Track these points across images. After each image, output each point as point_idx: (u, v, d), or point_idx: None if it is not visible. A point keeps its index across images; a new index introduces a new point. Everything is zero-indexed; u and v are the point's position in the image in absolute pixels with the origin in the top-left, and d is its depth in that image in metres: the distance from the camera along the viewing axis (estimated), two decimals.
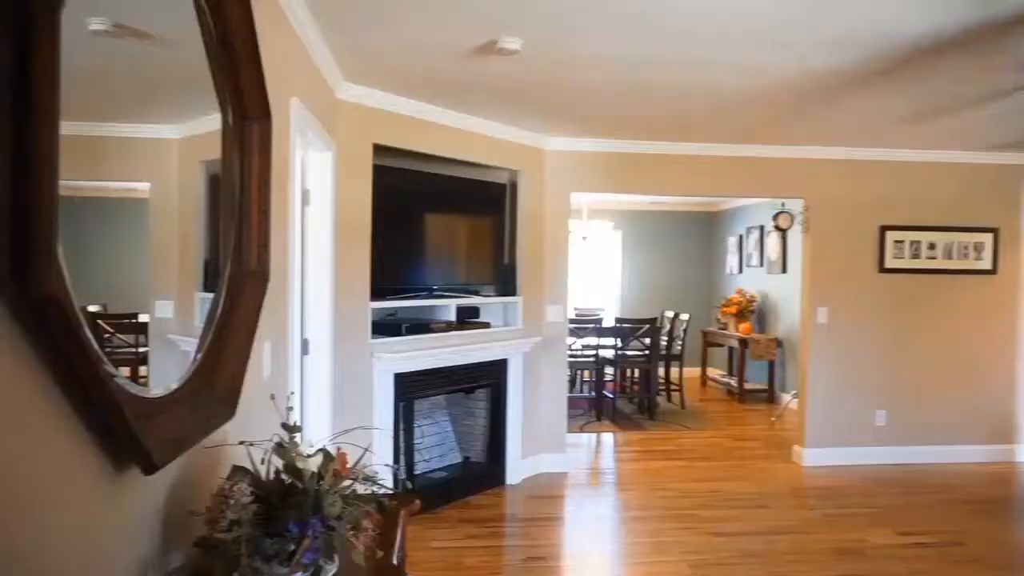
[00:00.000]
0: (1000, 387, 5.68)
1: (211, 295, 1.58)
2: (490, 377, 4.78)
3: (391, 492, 1.77)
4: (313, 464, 1.33)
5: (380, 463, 1.97)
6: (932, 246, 5.55)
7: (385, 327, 4.12)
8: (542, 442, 5.20)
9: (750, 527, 4.12)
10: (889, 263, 5.51)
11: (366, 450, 1.49)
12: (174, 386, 1.34)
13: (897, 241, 5.52)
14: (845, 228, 5.49)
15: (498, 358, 4.77)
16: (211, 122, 1.59)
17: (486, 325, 4.76)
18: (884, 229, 5.51)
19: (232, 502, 1.18)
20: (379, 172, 3.99)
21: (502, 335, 4.84)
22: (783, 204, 7.77)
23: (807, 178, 5.44)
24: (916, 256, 5.54)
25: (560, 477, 5.09)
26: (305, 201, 3.39)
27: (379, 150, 3.99)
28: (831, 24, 2.74)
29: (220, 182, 1.63)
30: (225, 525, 1.17)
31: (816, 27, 2.77)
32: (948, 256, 5.57)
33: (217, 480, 1.28)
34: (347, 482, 1.37)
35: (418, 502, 1.83)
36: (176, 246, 1.50)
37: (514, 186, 5.09)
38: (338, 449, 1.42)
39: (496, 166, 4.86)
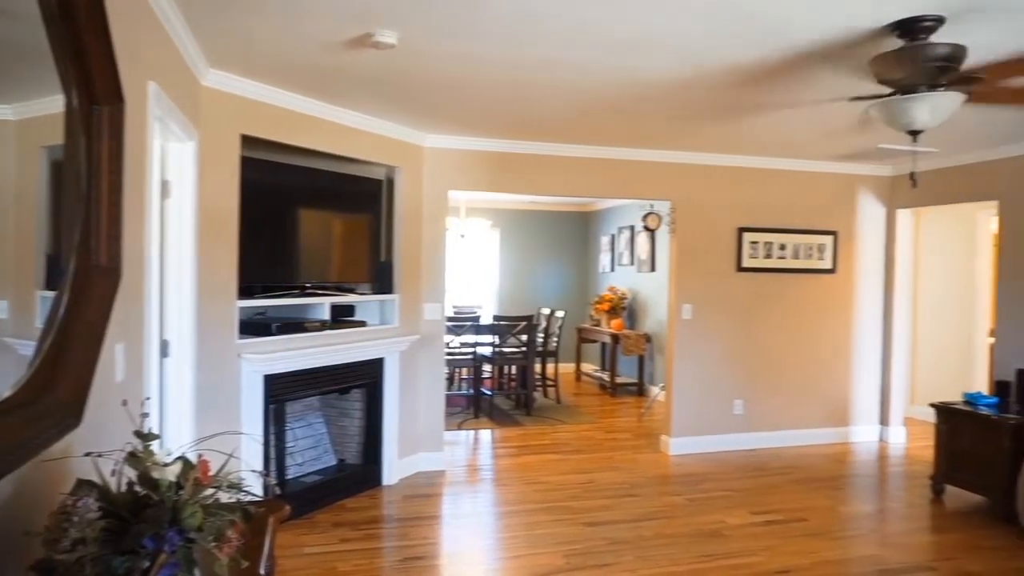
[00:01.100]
0: (838, 375, 6.26)
1: (54, 293, 1.44)
2: (366, 377, 4.69)
3: (259, 499, 1.69)
4: (171, 473, 1.25)
5: (247, 469, 1.88)
6: (783, 247, 6.03)
7: (254, 327, 3.94)
8: (420, 441, 5.16)
9: (620, 515, 4.29)
10: (746, 262, 5.93)
11: (231, 456, 1.41)
12: (7, 393, 1.21)
13: (753, 242, 5.95)
14: (708, 229, 5.85)
15: (374, 357, 4.69)
16: (54, 103, 1.45)
17: (362, 324, 4.67)
18: (741, 231, 5.91)
19: (76, 519, 1.08)
20: (248, 165, 3.80)
21: (378, 334, 4.75)
22: (652, 206, 8.16)
23: (674, 181, 5.74)
24: (769, 256, 6.00)
25: (438, 475, 5.08)
26: (165, 193, 3.17)
27: (248, 142, 3.80)
28: (691, 40, 2.90)
29: (64, 170, 1.49)
30: (67, 545, 1.07)
31: (685, 39, 2.93)
32: (796, 256, 6.07)
33: (59, 496, 1.17)
34: (209, 491, 1.29)
35: (288, 507, 1.76)
36: (12, 240, 1.35)
37: (391, 183, 5.02)
38: (199, 456, 1.34)
39: (373, 162, 4.77)
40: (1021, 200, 5.07)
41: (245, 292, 3.84)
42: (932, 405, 4.87)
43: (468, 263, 10.00)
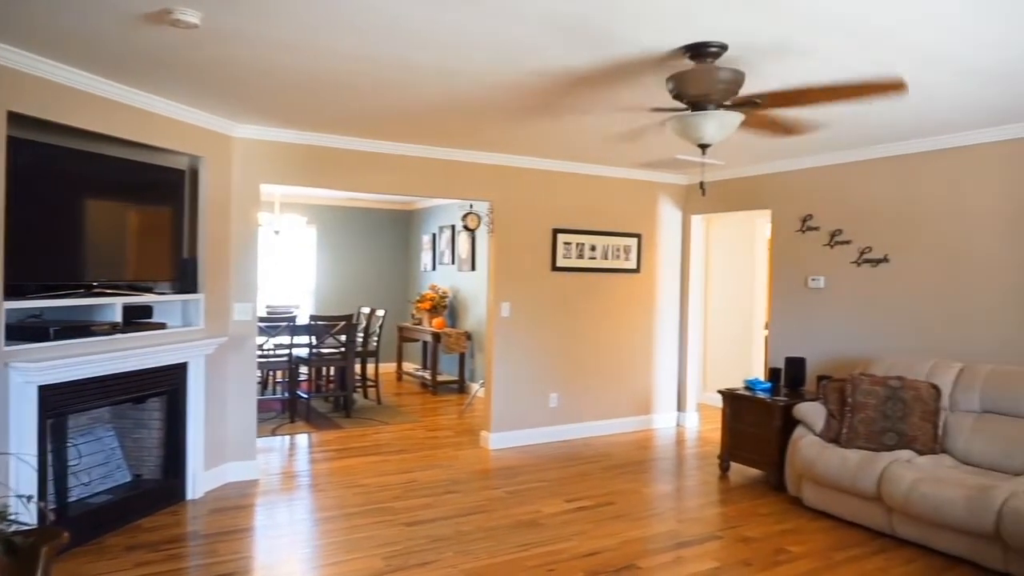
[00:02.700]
0: (642, 367, 6.78)
1: None
2: (166, 384, 4.31)
3: (30, 528, 1.49)
4: None
5: (15, 495, 1.65)
6: (593, 248, 6.41)
7: (27, 331, 3.46)
8: (229, 450, 4.85)
9: (440, 513, 4.33)
10: (560, 262, 6.23)
11: None
12: None
13: (566, 243, 6.26)
14: (525, 230, 6.06)
15: (176, 362, 4.33)
16: None
17: (161, 326, 4.28)
18: (556, 232, 6.20)
19: None
20: (17, 146, 3.34)
21: (180, 336, 4.39)
22: (471, 206, 8.30)
23: (493, 183, 5.88)
24: (581, 256, 6.35)
25: (250, 485, 4.80)
26: None
27: (18, 120, 3.33)
28: (506, 43, 2.99)
29: None
30: None
31: (501, 41, 3.00)
32: (605, 257, 6.48)
33: None
34: None
35: (66, 535, 1.57)
36: None
37: (195, 173, 4.65)
38: None
39: (174, 150, 4.39)
40: (788, 209, 5.80)
41: (14, 291, 3.37)
42: (719, 391, 5.43)
43: (283, 261, 9.55)
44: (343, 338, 7.19)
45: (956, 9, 2.52)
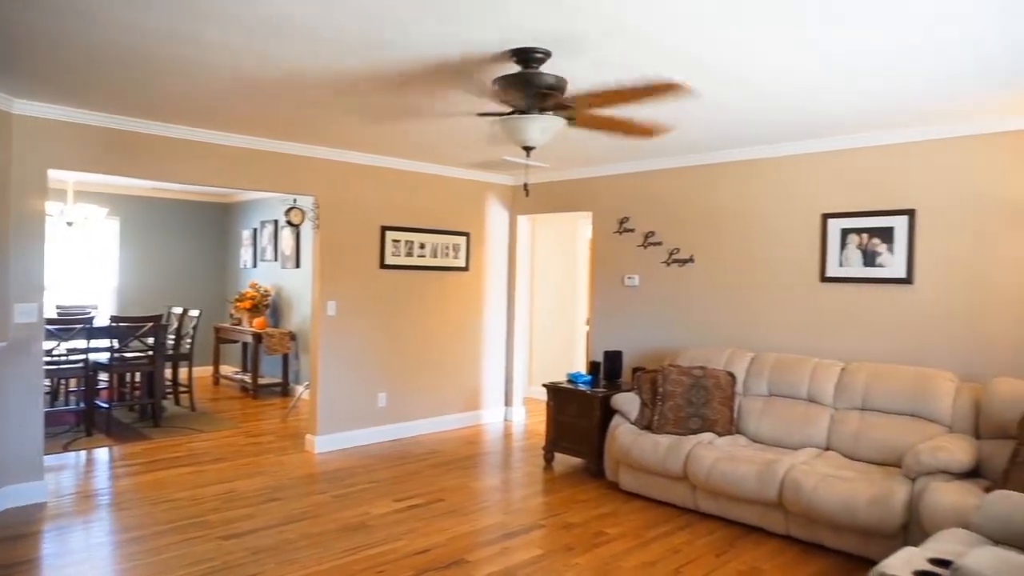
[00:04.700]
0: (470, 364, 6.88)
1: None
2: None
3: None
4: None
5: None
6: (423, 246, 6.40)
7: None
8: (10, 471, 4.27)
9: (262, 523, 4.11)
10: (389, 260, 6.15)
11: None
12: None
13: (395, 240, 6.20)
14: (352, 226, 5.92)
15: None
16: None
17: None
18: (385, 229, 6.12)
19: None
20: None
21: None
22: (295, 200, 7.97)
23: (319, 177, 5.68)
24: (410, 254, 6.31)
25: (37, 510, 4.26)
26: None
27: None
28: (328, 33, 2.90)
29: None
30: None
31: (325, 29, 2.90)
32: (434, 255, 6.50)
33: None
34: None
35: None
36: None
37: None
38: None
39: None
40: (607, 211, 6.16)
41: None
42: (544, 385, 5.65)
43: (78, 256, 8.57)
44: (151, 341, 6.59)
45: (757, 36, 2.81)
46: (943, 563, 2.40)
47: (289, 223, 8.07)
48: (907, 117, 4.09)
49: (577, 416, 5.31)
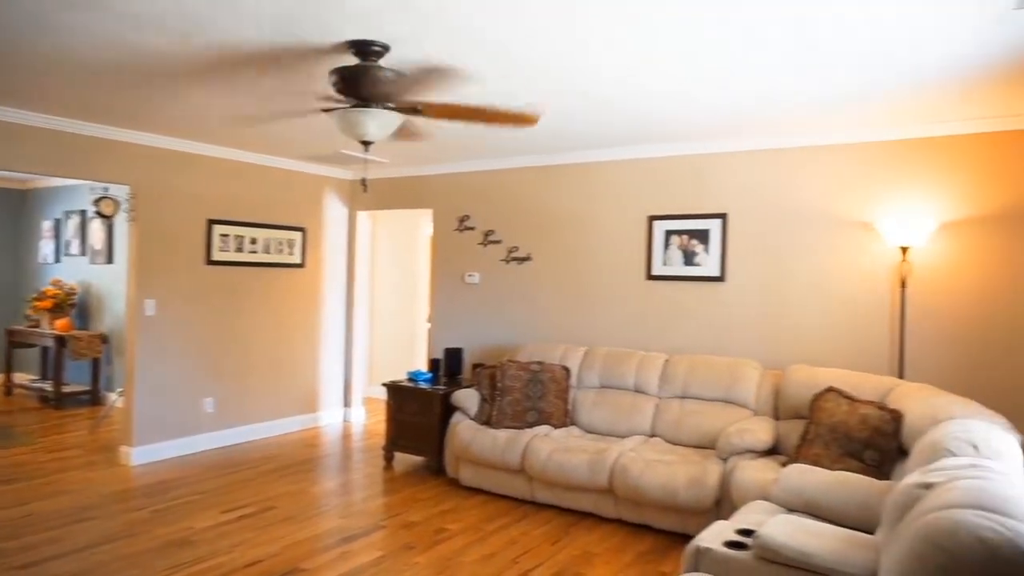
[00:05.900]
0: (307, 364, 6.63)
1: None
2: None
3: None
4: None
5: None
6: (254, 241, 6.07)
7: None
8: None
9: (69, 546, 3.70)
10: (216, 255, 5.77)
11: None
12: None
13: (223, 235, 5.82)
14: (174, 219, 5.48)
15: None
16: None
17: None
18: (212, 223, 5.72)
19: None
20: None
21: None
22: (107, 189, 7.25)
23: (135, 164, 5.19)
24: (240, 250, 5.96)
25: None
26: None
27: None
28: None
29: None
30: None
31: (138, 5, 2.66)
32: (267, 251, 6.19)
33: None
34: None
35: None
36: None
37: None
38: None
39: None
40: (447, 209, 6.19)
41: None
42: (384, 384, 5.56)
43: None
44: None
45: (592, 49, 2.95)
46: (747, 532, 2.66)
47: (99, 214, 7.32)
48: (725, 129, 4.49)
49: (417, 414, 5.29)
